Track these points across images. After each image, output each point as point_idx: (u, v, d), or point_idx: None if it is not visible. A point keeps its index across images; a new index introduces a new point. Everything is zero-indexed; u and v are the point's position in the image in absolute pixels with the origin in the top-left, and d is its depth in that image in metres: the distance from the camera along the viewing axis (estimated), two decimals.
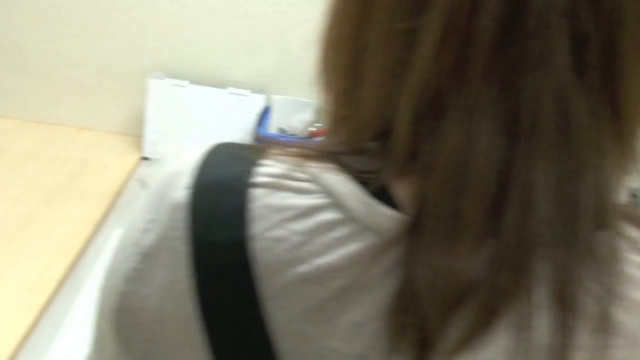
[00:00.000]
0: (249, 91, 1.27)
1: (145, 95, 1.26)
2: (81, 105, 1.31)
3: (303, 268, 0.32)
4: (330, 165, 0.35)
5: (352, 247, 0.32)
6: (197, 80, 1.26)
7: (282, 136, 1.22)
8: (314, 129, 1.23)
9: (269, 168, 0.35)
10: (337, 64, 0.38)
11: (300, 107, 1.27)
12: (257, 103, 1.27)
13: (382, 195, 0.33)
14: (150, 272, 0.35)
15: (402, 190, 0.34)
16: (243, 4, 1.22)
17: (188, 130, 1.23)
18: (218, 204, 0.35)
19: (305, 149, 0.38)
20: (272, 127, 1.26)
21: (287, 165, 0.35)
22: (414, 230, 0.32)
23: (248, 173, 0.35)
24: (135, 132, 1.31)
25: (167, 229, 0.35)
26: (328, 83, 0.40)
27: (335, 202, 0.33)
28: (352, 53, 0.36)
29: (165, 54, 1.26)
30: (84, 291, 0.91)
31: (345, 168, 0.35)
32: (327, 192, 0.34)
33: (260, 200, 0.34)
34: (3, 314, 0.82)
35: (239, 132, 1.27)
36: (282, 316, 0.33)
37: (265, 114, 1.27)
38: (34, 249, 0.95)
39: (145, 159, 1.26)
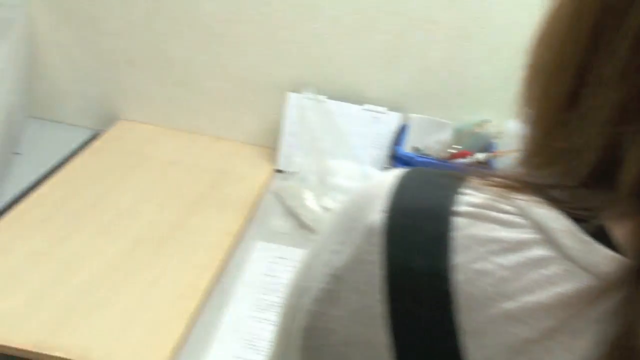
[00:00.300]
0: (385, 108, 1.26)
1: (283, 108, 1.27)
2: (219, 115, 1.34)
3: (508, 304, 0.31)
4: (538, 198, 0.33)
5: (565, 287, 0.30)
6: (335, 96, 1.26)
7: (417, 156, 1.20)
8: (454, 151, 1.19)
9: (471, 197, 0.34)
10: (554, 93, 0.36)
11: (438, 127, 1.24)
12: (393, 121, 1.26)
13: (600, 235, 0.31)
14: (341, 294, 0.35)
15: (622, 231, 0.31)
16: (383, 20, 1.21)
17: (322, 145, 1.22)
18: (417, 230, 0.34)
19: (509, 179, 0.36)
20: (407, 146, 1.23)
21: (491, 195, 0.34)
22: (637, 277, 0.29)
23: (449, 201, 0.34)
24: (269, 144, 1.33)
25: (361, 252, 0.35)
26: (537, 111, 0.37)
27: (547, 238, 0.31)
28: (575, 83, 0.34)
29: (305, 68, 1.27)
30: (230, 302, 0.92)
31: (556, 203, 0.33)
32: (537, 227, 0.32)
33: (464, 230, 0.33)
34: (157, 320, 0.84)
35: (374, 149, 1.25)
36: (480, 353, 0.31)
37: (401, 132, 1.25)
38: (182, 256, 0.97)
39: (279, 171, 1.27)
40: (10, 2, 1.19)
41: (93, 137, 1.35)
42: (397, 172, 0.38)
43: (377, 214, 0.35)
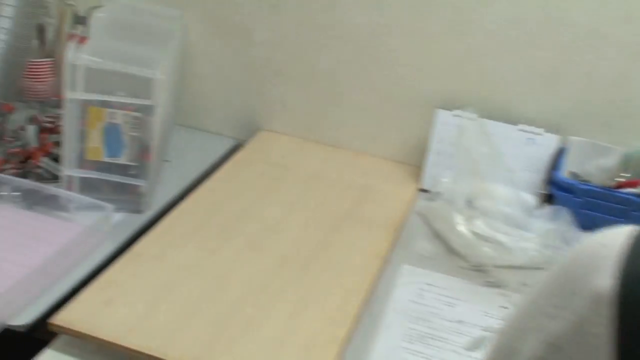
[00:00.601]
0: (542, 129, 1.17)
1: (429, 125, 1.22)
2: (362, 129, 1.31)
3: None
4: None
5: None
6: (487, 114, 1.18)
7: (579, 183, 1.10)
8: (621, 179, 1.09)
9: None
10: None
11: (601, 151, 1.14)
12: (550, 143, 1.17)
13: None
14: None
15: None
16: (545, 35, 1.12)
17: (472, 165, 1.15)
18: None
19: None
20: (565, 171, 1.14)
21: None
22: None
23: None
24: (413, 161, 1.28)
25: (584, 322, 0.30)
26: None
27: None
28: None
29: (456, 84, 1.21)
30: (381, 330, 0.87)
31: None
32: None
33: None
34: (308, 345, 0.81)
35: (528, 172, 1.17)
36: None
37: (559, 155, 1.16)
38: (329, 276, 0.94)
39: (424, 190, 1.22)
40: (169, 13, 1.22)
41: (236, 147, 1.36)
42: (630, 231, 0.33)
43: (606, 280, 0.30)
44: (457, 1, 1.15)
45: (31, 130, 1.13)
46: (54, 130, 1.14)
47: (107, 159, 1.02)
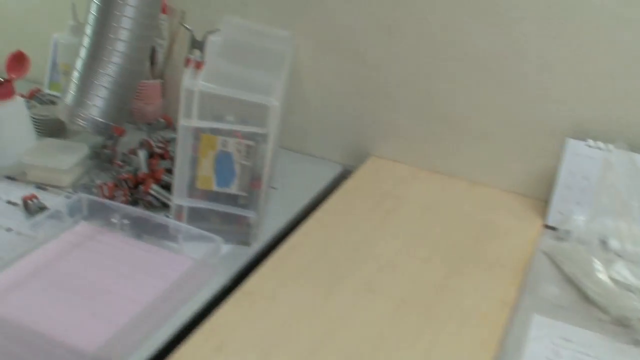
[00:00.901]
0: None
1: (557, 155, 1.11)
2: (480, 158, 1.21)
3: None
4: None
5: None
6: (625, 145, 1.06)
7: None
8: None
9: None
10: None
11: None
12: None
13: None
14: None
15: None
16: None
17: (615, 203, 1.04)
18: None
19: None
20: None
21: None
22: None
23: None
24: (537, 194, 1.17)
25: None
26: None
27: None
28: None
29: (590, 111, 1.09)
30: None
31: None
32: None
33: None
34: None
35: None
36: None
37: None
38: (453, 325, 0.86)
39: (549, 227, 1.11)
40: (281, 34, 1.18)
41: (343, 173, 1.30)
42: None
43: None
44: (595, 19, 1.04)
45: (142, 156, 1.11)
46: (164, 156, 1.12)
47: (217, 189, 0.98)
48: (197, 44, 0.92)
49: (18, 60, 1.15)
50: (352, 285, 0.92)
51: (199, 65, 0.92)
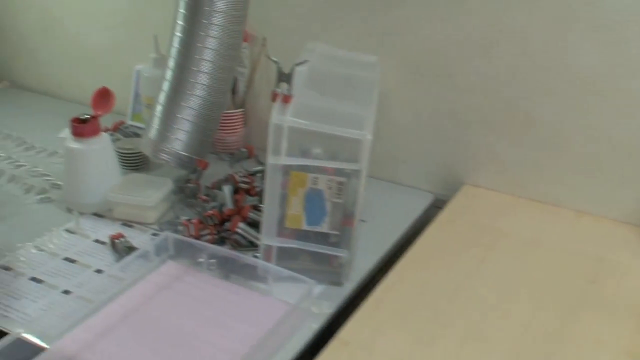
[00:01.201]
0: None
1: None
2: (587, 186, 1.11)
3: None
4: None
5: None
6: None
7: None
8: None
9: None
10: None
11: None
12: None
13: None
14: None
15: None
16: None
17: None
18: None
19: None
20: None
21: None
22: None
23: None
24: None
25: None
26: None
27: None
28: None
29: None
30: None
31: None
32: None
33: None
34: None
35: None
36: None
37: None
38: None
39: None
40: (366, 59, 1.12)
41: (435, 203, 1.22)
42: None
43: None
44: None
45: (227, 191, 1.07)
46: (250, 191, 1.08)
47: (307, 227, 0.93)
48: (283, 77, 0.87)
49: (103, 97, 1.14)
50: (455, 333, 0.84)
51: (286, 99, 0.87)
